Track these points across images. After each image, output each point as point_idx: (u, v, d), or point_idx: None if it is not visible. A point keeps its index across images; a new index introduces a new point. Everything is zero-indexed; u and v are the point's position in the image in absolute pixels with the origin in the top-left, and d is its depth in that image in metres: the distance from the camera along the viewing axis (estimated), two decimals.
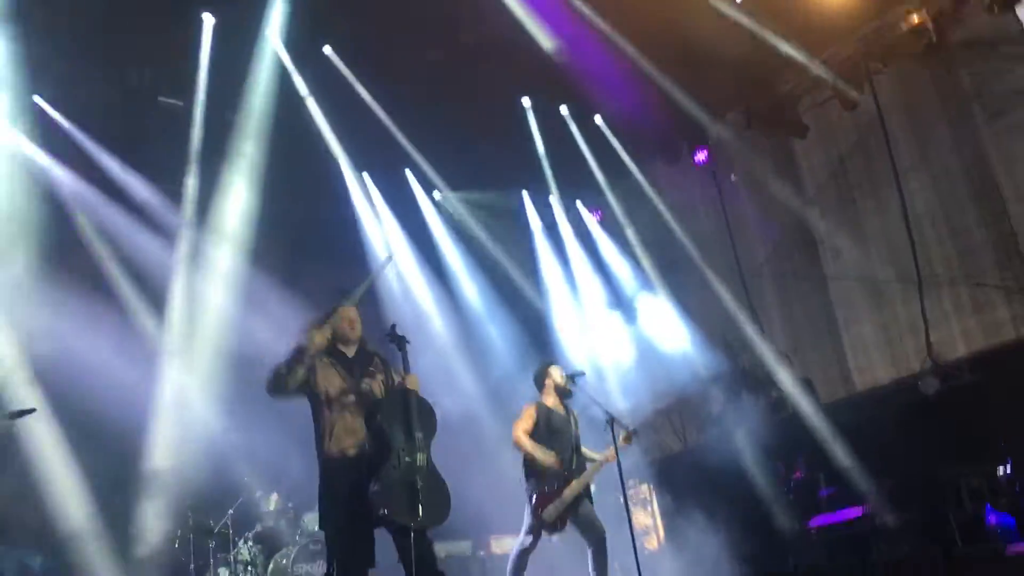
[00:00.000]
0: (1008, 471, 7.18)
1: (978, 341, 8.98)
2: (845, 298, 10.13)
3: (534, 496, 6.82)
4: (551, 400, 7.15)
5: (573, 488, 6.82)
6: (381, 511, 5.05)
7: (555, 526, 6.78)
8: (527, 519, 6.87)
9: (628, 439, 7.10)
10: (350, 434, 5.32)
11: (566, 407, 7.22)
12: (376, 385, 5.56)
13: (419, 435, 5.31)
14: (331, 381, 5.43)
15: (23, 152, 8.83)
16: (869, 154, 9.91)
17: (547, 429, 6.99)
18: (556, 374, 7.22)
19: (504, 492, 8.89)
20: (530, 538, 6.83)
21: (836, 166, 10.27)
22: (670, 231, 11.47)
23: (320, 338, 5.46)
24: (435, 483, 5.31)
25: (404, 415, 5.32)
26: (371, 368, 5.61)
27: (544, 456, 6.80)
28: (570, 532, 6.89)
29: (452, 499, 5.45)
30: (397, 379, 5.58)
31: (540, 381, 7.26)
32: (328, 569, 5.25)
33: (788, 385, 9.89)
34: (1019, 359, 8.30)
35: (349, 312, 5.71)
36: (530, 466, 6.97)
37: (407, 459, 5.21)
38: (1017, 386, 7.84)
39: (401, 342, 5.59)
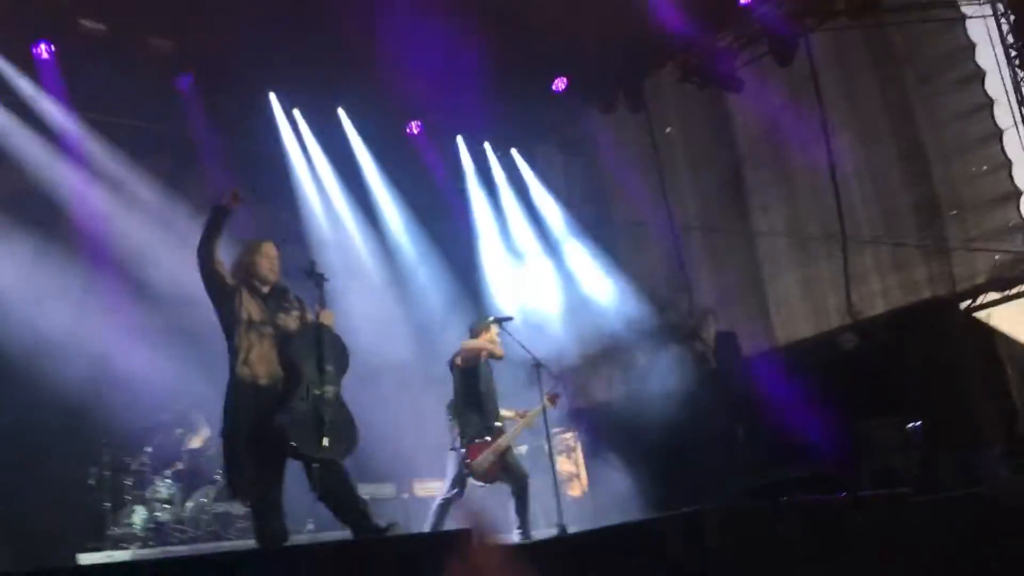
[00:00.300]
0: (918, 424, 7.41)
1: (897, 299, 9.22)
2: (771, 253, 10.29)
3: (465, 447, 6.86)
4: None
5: (505, 440, 6.91)
6: (288, 442, 5.06)
7: (486, 476, 6.84)
8: (452, 469, 6.91)
9: (553, 401, 7.22)
10: (263, 362, 5.28)
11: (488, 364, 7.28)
12: (291, 320, 5.52)
13: (330, 369, 5.33)
14: (251, 309, 5.36)
15: None
16: (801, 111, 10.00)
17: (485, 383, 7.07)
18: (495, 332, 7.28)
19: (427, 435, 8.93)
20: (456, 489, 6.87)
21: (768, 122, 10.35)
22: (604, 180, 11.48)
23: (236, 199, 5.37)
24: (343, 417, 5.35)
25: (316, 349, 5.33)
26: (285, 304, 5.56)
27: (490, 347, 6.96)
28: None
29: (376, 441, 5.47)
30: (311, 316, 5.57)
31: (477, 333, 7.30)
32: (231, 490, 5.26)
33: (712, 339, 10.03)
34: (933, 317, 8.52)
35: (270, 249, 5.62)
36: (459, 417, 7.02)
37: (316, 392, 5.24)
38: (930, 343, 8.06)
39: (319, 279, 5.59)
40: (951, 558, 4.64)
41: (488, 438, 6.89)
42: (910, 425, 7.55)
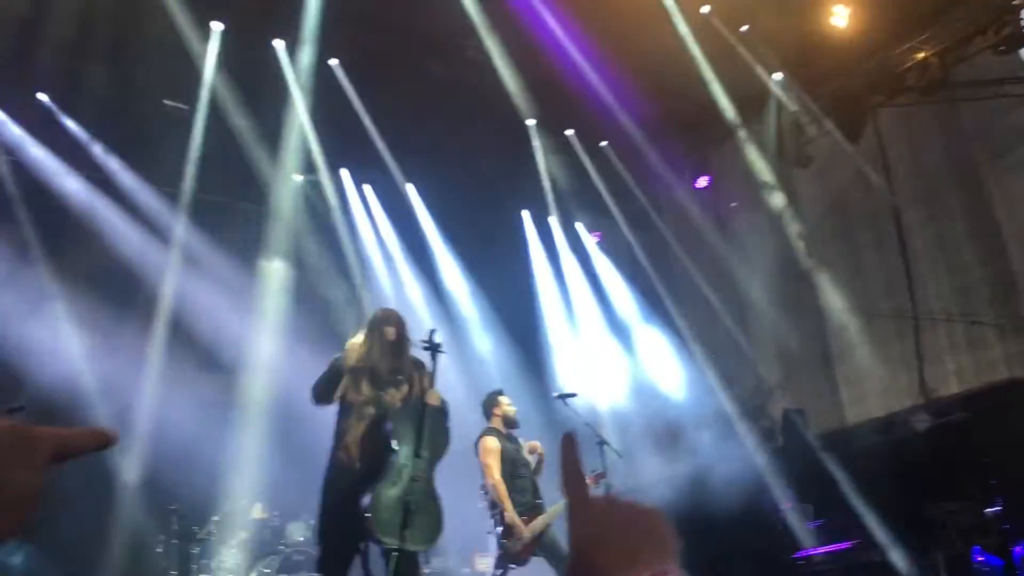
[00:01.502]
0: (997, 510, 7.14)
1: (971, 379, 8.96)
2: (840, 330, 10.11)
3: (500, 528, 6.74)
4: (500, 430, 7.08)
5: (538, 524, 6.73)
6: (370, 528, 4.83)
7: (517, 558, 6.71)
8: (496, 551, 6.79)
9: (596, 480, 7.06)
10: (359, 444, 5.10)
11: (514, 437, 7.15)
12: (398, 396, 5.31)
13: (425, 454, 5.01)
14: (355, 389, 5.24)
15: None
16: (869, 187, 9.92)
17: (509, 460, 6.94)
18: (505, 404, 7.16)
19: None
20: (500, 571, 6.73)
21: (836, 197, 10.27)
22: (668, 255, 11.48)
23: (355, 354, 5.36)
24: (430, 506, 5.05)
25: (414, 430, 5.02)
26: (399, 377, 5.36)
27: (512, 515, 6.70)
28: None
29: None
30: (421, 389, 5.33)
31: (488, 410, 7.16)
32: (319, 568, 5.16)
33: (779, 416, 9.86)
34: (1011, 398, 8.27)
35: (390, 332, 5.41)
36: (496, 500, 6.90)
37: (408, 477, 4.94)
38: (1008, 425, 7.81)
39: (435, 351, 5.29)
40: None
41: (525, 517, 6.74)
42: (989, 510, 7.28)
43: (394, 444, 5.03)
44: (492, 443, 6.89)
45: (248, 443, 8.29)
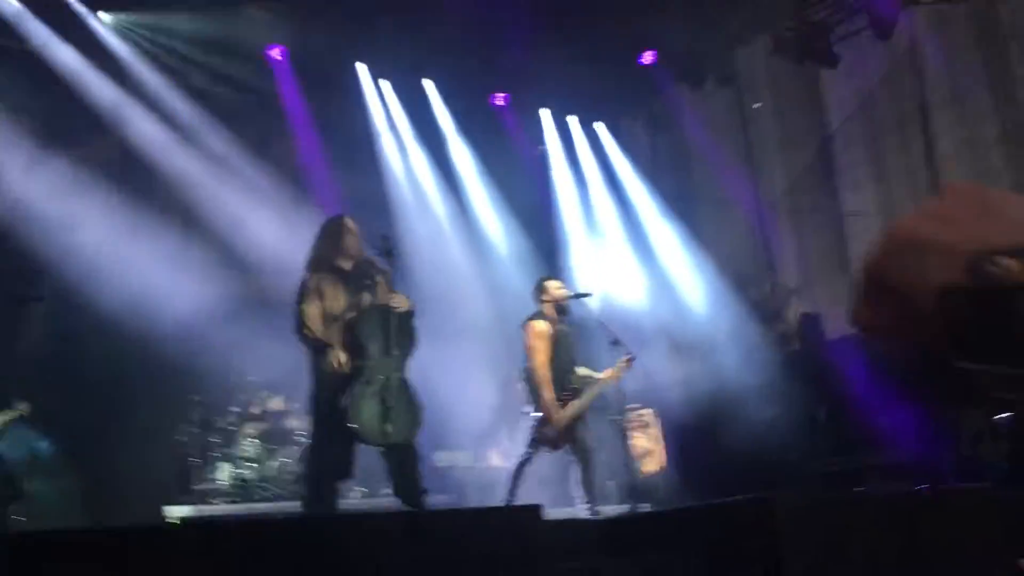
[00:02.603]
0: (1008, 415, 7.17)
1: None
2: (860, 235, 9.98)
3: (537, 414, 6.86)
4: (551, 315, 7.08)
5: (573, 408, 6.82)
6: (351, 426, 5.12)
7: (554, 442, 6.84)
8: (529, 432, 6.92)
9: (628, 363, 7.11)
10: (346, 350, 5.33)
11: (563, 322, 7.16)
12: (369, 300, 5.50)
13: (396, 352, 5.32)
14: (336, 299, 5.40)
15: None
16: (898, 89, 9.66)
17: (558, 346, 6.98)
18: (554, 288, 7.14)
19: (507, 403, 9.01)
20: (531, 451, 6.89)
21: (863, 99, 10.02)
22: (690, 156, 11.32)
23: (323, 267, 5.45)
24: (406, 399, 5.33)
25: (383, 331, 5.29)
26: (367, 281, 5.52)
27: (550, 401, 6.75)
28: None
29: (455, 409, 5.46)
30: (386, 291, 5.52)
31: (539, 296, 7.18)
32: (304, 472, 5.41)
33: (796, 320, 9.84)
34: None
35: (351, 224, 5.63)
36: (530, 382, 6.99)
37: (380, 376, 5.23)
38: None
39: (390, 255, 5.54)
40: None
41: (559, 403, 6.83)
42: (999, 416, 7.32)
43: (364, 345, 5.29)
44: (541, 326, 6.91)
45: (265, 336, 8.35)
